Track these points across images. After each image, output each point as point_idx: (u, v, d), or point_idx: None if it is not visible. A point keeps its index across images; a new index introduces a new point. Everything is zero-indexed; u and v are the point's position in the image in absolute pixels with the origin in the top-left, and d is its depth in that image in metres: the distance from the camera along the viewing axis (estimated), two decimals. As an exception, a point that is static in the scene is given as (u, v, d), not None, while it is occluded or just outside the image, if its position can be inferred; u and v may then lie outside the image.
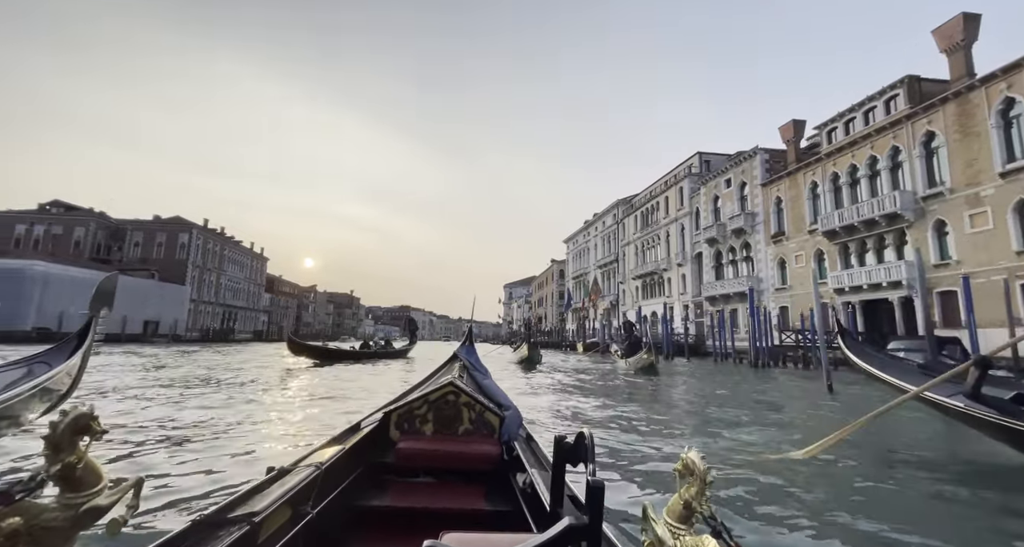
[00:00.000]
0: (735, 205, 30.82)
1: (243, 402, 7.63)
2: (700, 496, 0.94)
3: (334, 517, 1.99)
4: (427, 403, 2.93)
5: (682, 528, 0.95)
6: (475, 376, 3.70)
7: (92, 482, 1.06)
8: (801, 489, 3.74)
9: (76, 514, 1.01)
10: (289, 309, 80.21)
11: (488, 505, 2.29)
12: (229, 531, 1.29)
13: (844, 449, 4.67)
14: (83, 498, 1.03)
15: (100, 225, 51.65)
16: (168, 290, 47.26)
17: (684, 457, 1.00)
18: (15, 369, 4.02)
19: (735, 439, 5.52)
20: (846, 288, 21.47)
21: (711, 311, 32.31)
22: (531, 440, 2.79)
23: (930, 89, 19.37)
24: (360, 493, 2.35)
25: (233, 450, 4.69)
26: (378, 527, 2.17)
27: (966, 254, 16.84)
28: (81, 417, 1.04)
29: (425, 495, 2.43)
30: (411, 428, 2.90)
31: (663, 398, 9.61)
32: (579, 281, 57.85)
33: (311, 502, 1.79)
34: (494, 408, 2.95)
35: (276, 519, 1.52)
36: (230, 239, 60.82)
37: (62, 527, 0.99)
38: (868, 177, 21.37)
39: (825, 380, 9.77)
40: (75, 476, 1.02)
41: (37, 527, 0.95)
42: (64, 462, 1.00)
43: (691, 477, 0.97)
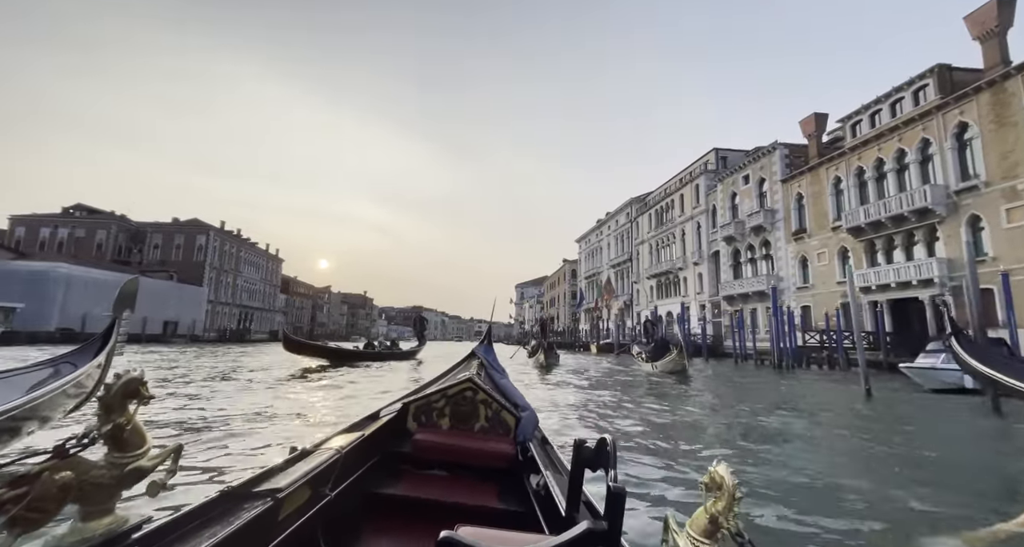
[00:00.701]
0: (754, 202, 30.07)
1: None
2: (728, 512, 0.91)
3: (351, 501, 2.04)
4: (445, 397, 2.95)
5: (706, 542, 0.92)
6: (492, 375, 3.68)
7: (137, 444, 1.12)
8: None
9: (121, 474, 1.07)
10: (304, 310, 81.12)
11: (500, 504, 2.29)
12: (254, 504, 1.35)
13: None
14: (128, 459, 1.10)
15: (121, 228, 52.83)
16: (186, 291, 48.08)
17: (712, 470, 0.97)
18: (43, 369, 4.14)
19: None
20: (873, 286, 20.69)
21: (729, 311, 31.60)
22: (547, 443, 2.77)
23: (962, 78, 18.52)
24: (376, 480, 2.39)
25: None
26: (392, 514, 2.20)
27: (1003, 250, 16.05)
28: (132, 381, 1.11)
29: (439, 488, 2.43)
30: (428, 421, 2.93)
31: (712, 404, 8.84)
32: (592, 281, 57.30)
33: (330, 484, 1.86)
34: (510, 408, 2.94)
35: (297, 497, 1.57)
36: (246, 241, 61.70)
37: (108, 485, 1.05)
38: (895, 171, 20.57)
39: (863, 384, 9.24)
40: (123, 437, 1.09)
41: (87, 482, 1.02)
42: (115, 422, 1.07)
43: (718, 491, 0.94)
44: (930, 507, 3.46)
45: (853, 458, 5.04)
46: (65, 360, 4.35)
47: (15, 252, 44.40)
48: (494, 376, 3.65)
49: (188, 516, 1.20)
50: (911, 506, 3.48)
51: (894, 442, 5.62)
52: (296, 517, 1.57)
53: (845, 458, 5.07)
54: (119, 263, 48.24)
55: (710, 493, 0.97)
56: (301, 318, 79.35)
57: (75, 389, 4.08)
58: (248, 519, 1.28)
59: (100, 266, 41.66)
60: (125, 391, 1.10)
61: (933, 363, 10.53)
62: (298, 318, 77.95)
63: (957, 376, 9.93)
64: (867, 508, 3.45)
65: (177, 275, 49.47)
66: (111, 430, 1.07)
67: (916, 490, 3.80)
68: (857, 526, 3.10)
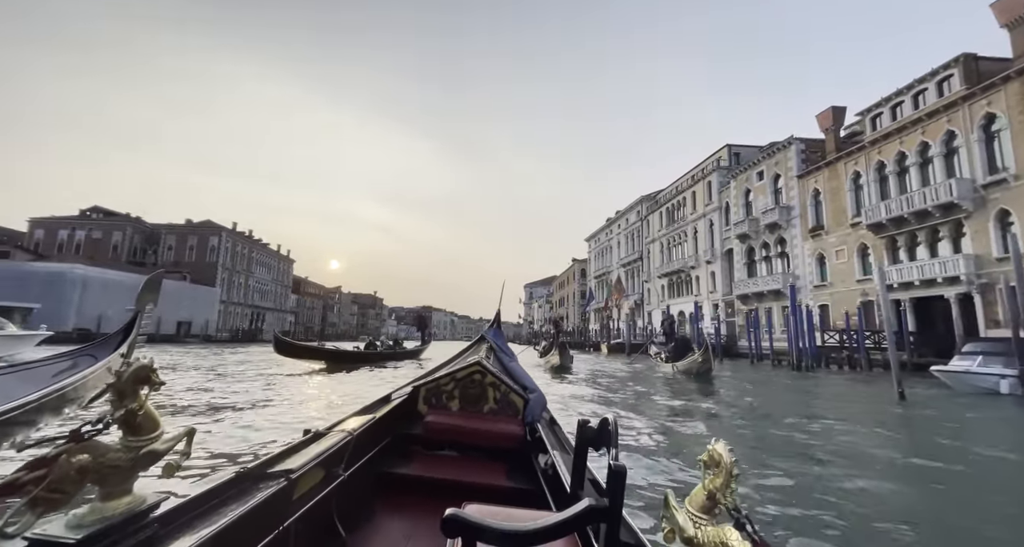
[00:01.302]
0: (768, 198, 29.42)
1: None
2: (725, 488, 0.92)
3: (363, 480, 2.10)
4: (454, 380, 3.01)
5: (704, 518, 0.93)
6: (501, 358, 3.72)
7: (150, 428, 1.15)
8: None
9: (136, 456, 1.10)
10: (315, 310, 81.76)
11: (509, 482, 2.33)
12: (268, 484, 1.40)
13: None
14: (142, 442, 1.12)
15: (136, 229, 53.67)
16: (199, 292, 48.66)
17: (711, 448, 0.98)
18: (62, 361, 4.22)
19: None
20: (895, 284, 20.01)
21: (743, 310, 30.99)
22: (554, 424, 2.82)
23: (988, 68, 17.81)
24: (388, 460, 2.44)
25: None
26: (403, 493, 2.25)
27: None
28: (142, 368, 1.14)
29: (449, 467, 2.49)
30: (438, 403, 2.98)
31: (748, 409, 8.26)
32: (601, 280, 56.78)
33: (343, 465, 1.90)
34: (518, 390, 2.99)
35: (311, 478, 1.62)
36: (258, 242, 62.30)
37: (124, 467, 1.08)
38: (918, 165, 19.88)
39: (895, 386, 8.75)
40: (136, 422, 1.12)
41: (103, 465, 1.05)
42: (127, 408, 1.10)
43: (716, 468, 0.95)
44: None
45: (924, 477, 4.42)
46: (85, 353, 4.47)
47: (34, 254, 45.33)
48: (503, 359, 3.68)
49: (205, 495, 1.26)
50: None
51: (960, 457, 5.03)
52: (310, 496, 1.62)
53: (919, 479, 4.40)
54: (134, 264, 49.00)
55: (708, 470, 0.97)
56: (312, 318, 79.98)
57: (93, 382, 4.15)
58: (263, 498, 1.33)
59: (116, 267, 42.34)
60: (136, 377, 1.14)
61: (968, 366, 9.92)
62: (309, 318, 78.58)
63: (993, 381, 9.38)
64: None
65: (190, 276, 50.12)
66: (124, 415, 1.11)
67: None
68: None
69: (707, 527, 0.92)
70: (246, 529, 1.24)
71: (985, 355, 9.77)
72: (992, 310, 16.63)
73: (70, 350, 4.50)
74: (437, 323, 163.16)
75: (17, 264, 36.94)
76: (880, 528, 3.17)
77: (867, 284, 21.96)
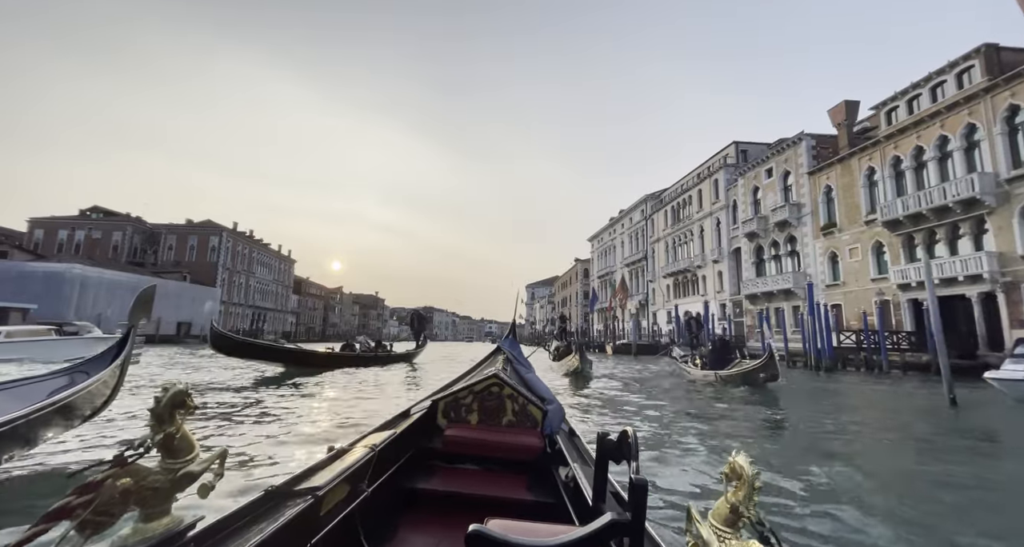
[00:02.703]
0: (778, 196, 28.79)
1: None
2: (748, 501, 0.92)
3: (387, 496, 2.11)
4: (472, 393, 2.99)
5: (728, 532, 0.92)
6: (519, 369, 3.66)
7: (187, 450, 1.18)
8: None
9: (174, 478, 1.13)
10: (316, 311, 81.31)
11: (531, 496, 2.32)
12: (296, 502, 1.43)
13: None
14: (180, 464, 1.15)
15: (136, 229, 53.30)
16: (200, 292, 48.21)
17: (732, 460, 0.96)
18: (57, 378, 4.29)
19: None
20: (913, 283, 19.39)
21: (751, 310, 30.35)
22: (574, 435, 2.78)
23: (1010, 59, 17.19)
24: (409, 475, 2.44)
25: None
26: (426, 508, 2.25)
27: (1064, 242, 14.72)
28: (179, 394, 1.17)
29: (470, 481, 2.48)
30: (457, 417, 2.97)
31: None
32: (605, 280, 56.17)
33: (367, 481, 1.92)
34: (536, 401, 2.97)
35: (336, 494, 1.66)
36: (258, 242, 61.87)
37: (163, 488, 1.11)
38: (937, 160, 19.23)
39: (947, 391, 8.05)
40: (173, 445, 1.15)
41: (144, 487, 1.09)
42: (165, 432, 1.14)
43: (738, 481, 0.94)
44: None
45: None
46: (80, 369, 4.53)
47: (33, 254, 44.95)
48: (520, 371, 3.64)
49: (237, 515, 1.29)
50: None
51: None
52: (336, 513, 1.65)
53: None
54: (134, 264, 48.62)
55: (730, 483, 0.96)
56: (313, 319, 79.53)
57: (88, 398, 4.22)
58: (291, 516, 1.35)
59: (115, 267, 41.92)
60: (173, 402, 1.16)
61: (1021, 371, 9.07)
62: (310, 319, 78.14)
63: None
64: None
65: (190, 276, 49.68)
66: (163, 439, 1.14)
67: None
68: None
69: (731, 541, 0.90)
70: (275, 546, 1.27)
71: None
72: (1017, 309, 15.98)
73: (64, 368, 4.57)
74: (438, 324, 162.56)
75: (15, 264, 36.52)
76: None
77: (883, 283, 21.31)
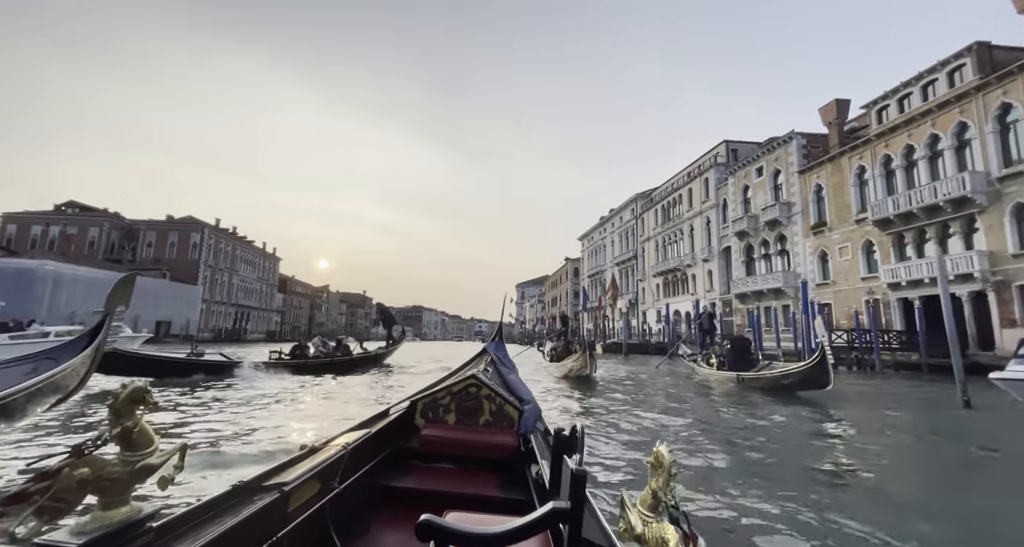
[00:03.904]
0: (768, 195, 28.71)
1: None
2: (666, 486, 0.99)
3: (359, 493, 2.20)
4: (450, 394, 3.06)
5: (651, 516, 0.99)
6: (501, 371, 3.74)
7: (145, 444, 1.20)
8: None
9: (133, 470, 1.15)
10: (302, 309, 79.90)
11: (501, 492, 2.40)
12: (262, 497, 1.48)
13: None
14: (138, 457, 1.17)
15: (114, 225, 51.63)
16: (180, 290, 46.83)
17: (655, 451, 1.03)
18: (23, 364, 4.16)
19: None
20: (903, 282, 19.33)
21: (741, 309, 30.28)
22: (548, 434, 2.82)
23: (1002, 58, 17.16)
24: (384, 474, 2.53)
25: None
26: (399, 505, 2.29)
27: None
28: (137, 390, 1.20)
29: (445, 479, 2.57)
30: (435, 417, 3.02)
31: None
32: (595, 279, 55.96)
33: (338, 478, 2.00)
34: (514, 402, 3.04)
35: (306, 491, 1.71)
36: (242, 239, 60.45)
37: (121, 480, 1.14)
38: (928, 159, 19.18)
39: (960, 393, 7.63)
40: (132, 438, 1.18)
41: (102, 478, 1.11)
42: (123, 425, 1.16)
43: (660, 469, 1.01)
44: None
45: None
46: (47, 356, 4.35)
47: (5, 250, 43.22)
48: (502, 372, 3.71)
49: (202, 508, 1.32)
50: None
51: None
52: (304, 509, 1.70)
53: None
54: (111, 261, 47.02)
55: (654, 471, 1.02)
56: (299, 318, 78.14)
57: (53, 386, 4.08)
58: (256, 510, 1.40)
59: (90, 264, 40.49)
60: (131, 398, 1.18)
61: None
62: (296, 318, 76.74)
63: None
64: None
65: (171, 273, 48.24)
66: (121, 433, 1.15)
67: None
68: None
69: (653, 524, 0.97)
70: (239, 540, 1.29)
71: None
72: (1008, 309, 15.94)
73: (32, 354, 4.44)
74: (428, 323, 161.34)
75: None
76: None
77: (873, 282, 21.27)
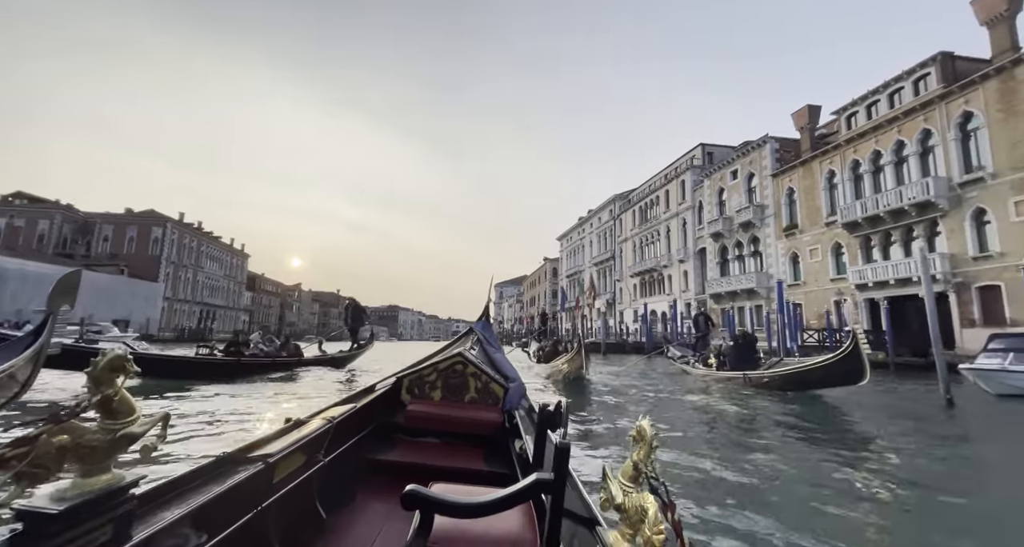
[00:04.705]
0: (742, 197, 29.27)
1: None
2: (647, 458, 1.01)
3: (344, 465, 2.22)
4: (436, 371, 3.14)
5: (631, 487, 1.02)
6: (487, 349, 3.75)
7: (127, 413, 1.19)
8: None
9: (113, 438, 1.14)
10: (272, 308, 77.29)
11: (486, 466, 2.46)
12: (246, 468, 1.47)
13: None
14: (119, 425, 1.16)
15: (66, 218, 48.55)
16: (139, 287, 44.40)
17: (638, 424, 1.05)
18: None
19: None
20: (870, 283, 19.93)
21: (716, 309, 30.78)
22: (532, 410, 2.85)
23: (964, 68, 17.88)
24: (370, 447, 2.58)
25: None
26: (384, 477, 2.33)
27: (1012, 245, 15.32)
28: (116, 358, 1.17)
29: (430, 453, 2.64)
30: (421, 393, 3.10)
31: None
32: (573, 279, 56.16)
33: (323, 451, 2.00)
34: (499, 379, 3.13)
35: (291, 463, 1.71)
36: (208, 234, 57.93)
37: (102, 447, 1.13)
38: (894, 164, 19.84)
39: (943, 392, 7.67)
40: (112, 406, 1.16)
41: (82, 445, 1.09)
42: (103, 394, 1.15)
43: (642, 442, 1.03)
44: None
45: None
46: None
47: (-59, 243, 40.00)
48: (488, 350, 3.73)
49: (185, 477, 1.31)
50: None
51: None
52: (290, 480, 1.69)
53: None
54: (62, 256, 44.16)
55: (636, 444, 1.04)
56: (269, 317, 75.55)
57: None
58: (241, 479, 1.39)
59: (40, 258, 37.89)
60: (111, 366, 1.16)
61: (1001, 364, 9.15)
62: (265, 317, 74.16)
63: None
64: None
65: (129, 270, 45.70)
66: (101, 400, 1.13)
67: None
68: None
69: (632, 494, 0.99)
70: (223, 508, 1.30)
71: (1017, 352, 9.06)
72: (967, 309, 16.59)
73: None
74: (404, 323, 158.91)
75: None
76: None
77: (841, 283, 21.88)
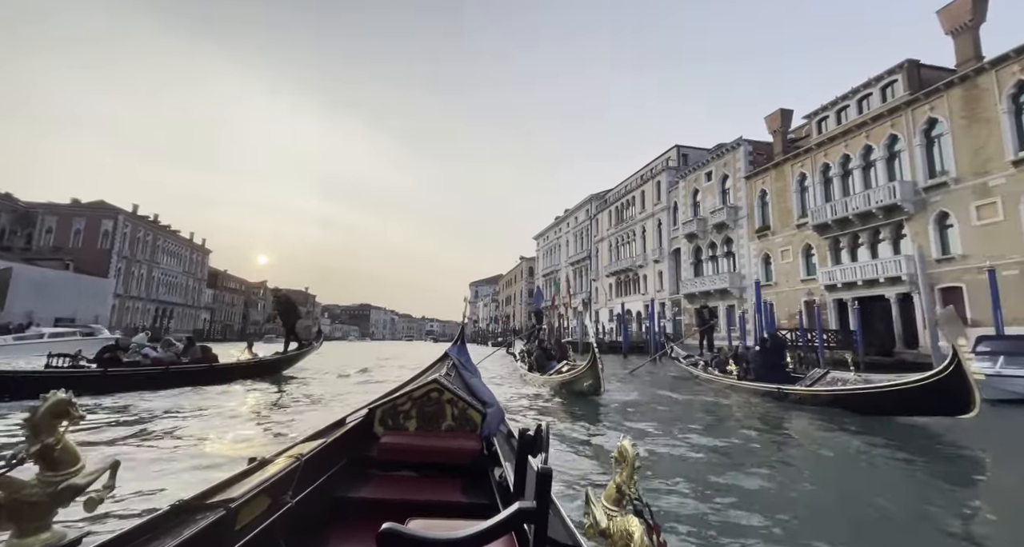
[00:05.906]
0: (716, 199, 29.66)
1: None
2: (629, 480, 0.99)
3: (314, 506, 2.06)
4: (411, 400, 2.99)
5: (615, 510, 0.99)
6: (463, 375, 3.67)
7: (70, 462, 1.09)
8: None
9: (55, 491, 1.04)
10: (235, 306, 73.90)
11: (465, 497, 2.35)
12: (205, 516, 1.33)
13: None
14: (61, 477, 1.06)
15: (4, 208, 44.70)
16: (86, 283, 41.27)
17: (620, 445, 1.01)
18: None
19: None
20: (838, 284, 20.40)
21: (690, 309, 31.12)
22: (511, 436, 2.81)
23: (930, 76, 18.49)
24: (342, 484, 2.40)
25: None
26: (357, 517, 2.20)
27: (973, 248, 15.87)
28: (59, 403, 1.08)
29: (405, 488, 2.48)
30: (395, 424, 2.95)
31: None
32: (550, 278, 56.00)
33: (291, 491, 1.85)
34: (477, 405, 3.01)
35: (255, 506, 1.58)
36: (164, 228, 54.66)
37: (42, 502, 1.02)
38: (862, 168, 20.36)
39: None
40: (53, 456, 1.06)
41: (18, 501, 0.99)
42: (43, 443, 1.04)
43: (624, 463, 1.00)
44: None
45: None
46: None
47: None
48: (464, 375, 3.64)
49: (136, 530, 1.20)
50: None
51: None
52: (254, 526, 1.57)
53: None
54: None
55: (618, 465, 1.01)
56: (232, 315, 72.24)
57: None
58: (198, 530, 1.26)
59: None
60: (53, 412, 1.07)
61: (992, 368, 8.71)
62: (228, 315, 70.86)
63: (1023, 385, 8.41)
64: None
65: (75, 264, 42.48)
66: (40, 450, 1.05)
67: None
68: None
69: (617, 518, 0.96)
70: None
71: (1007, 355, 9.06)
72: (931, 310, 17.10)
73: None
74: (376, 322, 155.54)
75: None
76: None
77: (811, 284, 22.36)
